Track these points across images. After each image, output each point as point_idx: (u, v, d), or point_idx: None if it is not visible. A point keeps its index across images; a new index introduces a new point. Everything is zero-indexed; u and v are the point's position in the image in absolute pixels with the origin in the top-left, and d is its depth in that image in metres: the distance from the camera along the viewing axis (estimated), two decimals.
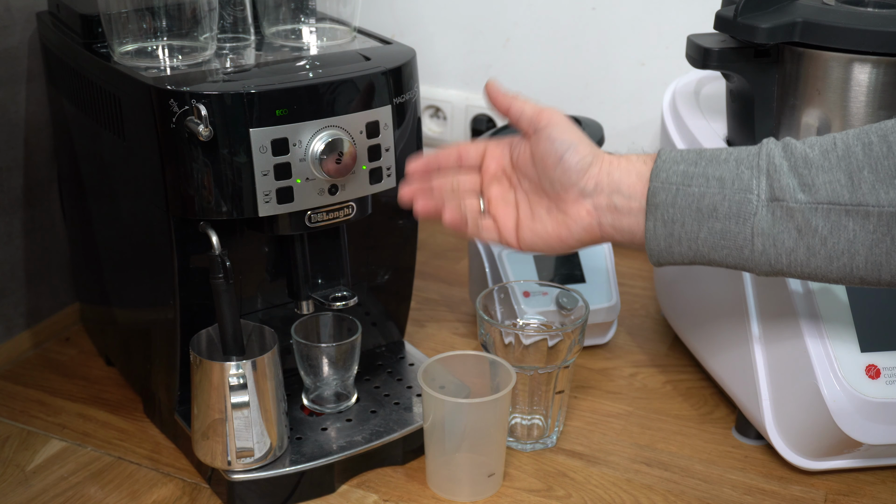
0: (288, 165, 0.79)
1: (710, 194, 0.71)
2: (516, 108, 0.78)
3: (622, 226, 0.75)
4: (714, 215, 0.71)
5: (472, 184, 0.81)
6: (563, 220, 0.77)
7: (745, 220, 0.70)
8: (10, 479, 0.90)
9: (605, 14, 1.34)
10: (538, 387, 0.92)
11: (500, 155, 0.80)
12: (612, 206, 0.74)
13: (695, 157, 0.73)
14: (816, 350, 0.83)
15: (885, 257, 0.68)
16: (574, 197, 0.76)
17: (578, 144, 0.75)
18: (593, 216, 0.75)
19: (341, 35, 0.92)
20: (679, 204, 0.72)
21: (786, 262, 0.70)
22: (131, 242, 0.92)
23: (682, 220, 0.72)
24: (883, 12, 0.87)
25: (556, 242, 0.78)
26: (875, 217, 0.67)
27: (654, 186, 0.73)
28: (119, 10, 0.82)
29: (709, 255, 0.72)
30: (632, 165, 0.75)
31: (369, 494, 0.88)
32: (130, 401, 1.02)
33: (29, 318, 1.11)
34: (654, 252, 0.74)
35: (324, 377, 0.93)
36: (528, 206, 0.79)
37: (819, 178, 0.68)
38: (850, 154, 0.68)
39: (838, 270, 0.69)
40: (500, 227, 0.80)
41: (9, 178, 1.06)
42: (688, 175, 0.72)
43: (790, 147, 0.71)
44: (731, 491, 0.89)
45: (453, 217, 0.80)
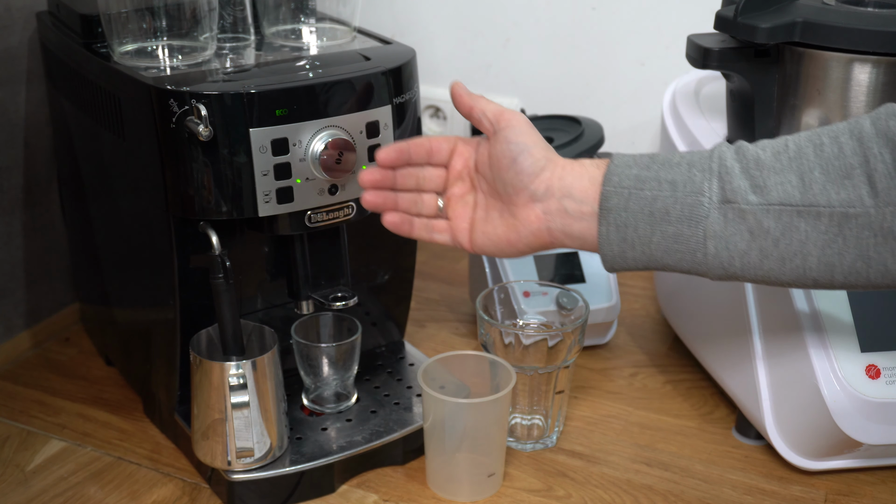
0: (288, 165, 0.79)
1: (662, 198, 0.70)
2: (478, 109, 0.77)
3: (573, 231, 0.73)
4: (666, 219, 0.70)
5: (436, 181, 0.79)
6: (512, 223, 0.75)
7: (697, 223, 0.69)
8: (10, 480, 0.90)
9: (605, 14, 1.34)
10: (538, 387, 0.92)
11: (467, 155, 0.79)
12: (562, 211, 0.73)
13: (647, 161, 0.72)
14: (816, 350, 0.83)
15: (838, 258, 0.67)
16: (524, 200, 0.74)
17: (533, 148, 0.74)
18: (542, 221, 0.74)
19: (341, 35, 0.92)
20: (632, 208, 0.71)
21: (739, 266, 0.70)
22: (131, 242, 0.92)
23: (634, 224, 0.71)
24: (883, 12, 0.87)
25: (505, 246, 0.77)
26: (826, 217, 0.67)
27: (606, 190, 0.71)
28: (119, 10, 0.82)
29: (662, 259, 0.71)
30: (584, 170, 0.73)
31: (369, 494, 0.88)
32: (130, 401, 1.02)
33: (29, 318, 1.11)
34: (607, 257, 0.73)
35: (324, 377, 0.93)
36: (483, 208, 0.78)
37: (771, 180, 0.68)
38: (802, 155, 0.68)
39: (791, 272, 0.69)
40: (454, 228, 0.79)
41: (9, 178, 1.06)
42: (640, 179, 0.71)
43: (742, 149, 0.70)
44: (731, 491, 0.89)
45: (394, 219, 0.78)
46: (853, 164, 0.66)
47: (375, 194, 0.78)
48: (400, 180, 0.78)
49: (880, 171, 0.65)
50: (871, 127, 0.67)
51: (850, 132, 0.68)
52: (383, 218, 0.78)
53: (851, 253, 0.67)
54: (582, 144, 1.08)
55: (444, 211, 0.79)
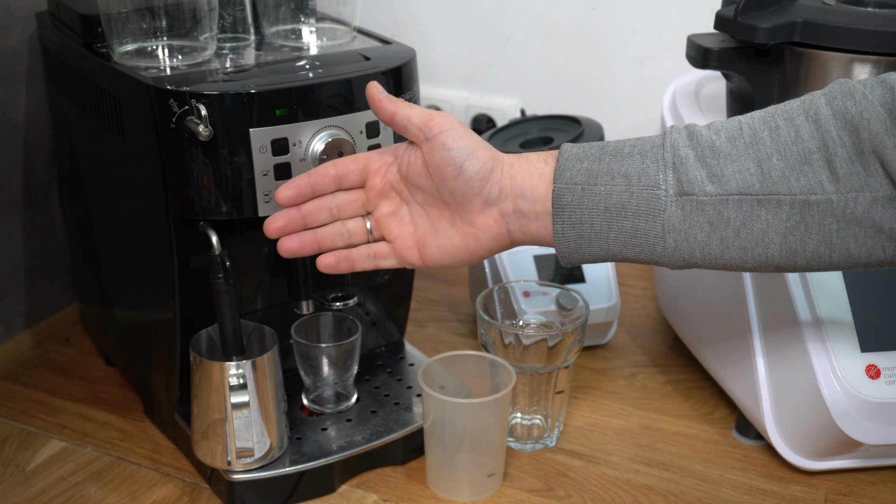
0: (288, 165, 0.79)
1: (616, 192, 0.68)
2: (402, 114, 0.72)
3: (530, 230, 0.71)
4: (623, 214, 0.68)
5: (355, 206, 0.74)
6: (470, 231, 0.72)
7: (654, 217, 0.67)
8: (10, 479, 0.90)
9: (605, 14, 1.34)
10: (538, 387, 0.92)
11: (385, 168, 0.74)
12: (518, 212, 0.71)
13: (598, 152, 0.70)
14: (816, 350, 0.83)
15: (800, 245, 0.66)
16: (479, 207, 0.71)
17: (477, 150, 0.71)
18: (501, 224, 0.71)
19: (341, 35, 0.92)
20: (586, 205, 0.68)
21: (699, 256, 0.68)
22: (131, 242, 0.92)
23: (590, 220, 0.69)
24: (883, 12, 0.87)
25: (464, 255, 0.73)
26: (787, 205, 0.65)
27: (558, 188, 0.69)
28: (119, 9, 0.82)
29: (620, 252, 0.69)
30: (532, 166, 0.71)
31: (369, 494, 0.88)
32: (130, 401, 1.02)
33: (29, 318, 1.11)
34: (564, 254, 0.71)
35: (324, 377, 0.93)
36: (427, 220, 0.74)
37: (728, 168, 0.66)
38: (758, 140, 0.66)
39: (753, 260, 0.67)
40: (396, 248, 0.75)
41: (9, 178, 1.06)
42: (592, 173, 0.69)
43: (695, 135, 0.68)
44: (731, 491, 0.89)
45: (330, 262, 0.74)
46: (811, 149, 0.65)
47: (291, 240, 0.73)
48: (309, 217, 0.73)
49: (840, 155, 0.64)
50: (826, 107, 0.65)
51: (805, 113, 0.66)
52: (318, 262, 0.74)
53: (814, 239, 0.66)
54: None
55: (376, 233, 0.75)
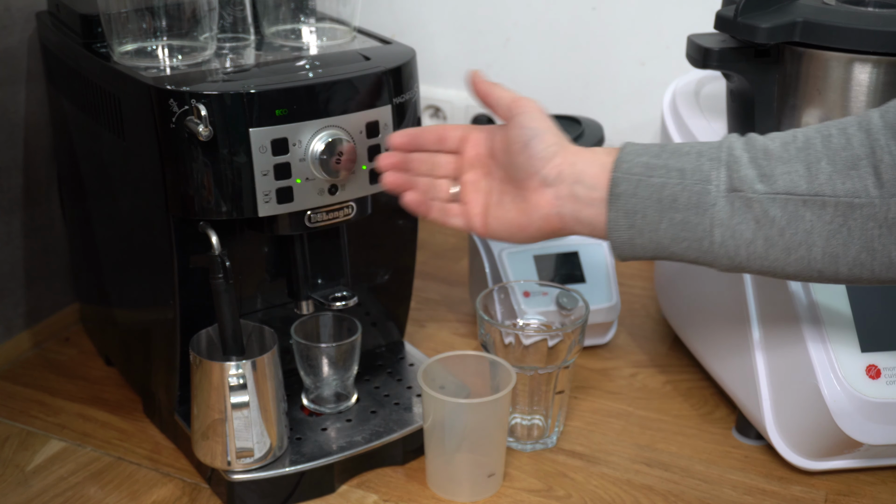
0: (288, 165, 0.79)
1: (670, 185, 0.71)
2: (494, 95, 0.79)
3: (583, 216, 0.74)
4: (674, 206, 0.71)
5: (449, 167, 0.81)
6: (524, 207, 0.77)
7: (704, 211, 0.70)
8: (9, 480, 0.90)
9: (605, 14, 1.34)
10: (538, 387, 0.92)
11: (480, 142, 0.80)
12: (573, 196, 0.74)
13: (658, 149, 0.73)
14: (817, 350, 0.83)
15: (842, 248, 0.68)
16: (536, 185, 0.76)
17: (545, 133, 0.76)
18: (553, 206, 0.75)
19: (341, 35, 0.92)
20: (640, 194, 0.72)
21: (745, 255, 0.70)
22: (131, 242, 0.92)
23: (643, 210, 0.72)
24: (883, 12, 0.87)
25: (516, 230, 0.78)
26: (831, 207, 0.67)
27: (616, 177, 0.72)
28: (119, 9, 0.82)
29: (670, 247, 0.72)
30: (596, 157, 0.74)
31: (369, 494, 0.88)
32: (130, 401, 1.02)
33: (29, 318, 1.11)
34: (616, 244, 0.74)
35: (324, 377, 0.93)
36: (497, 194, 0.79)
37: (778, 169, 0.69)
38: (810, 146, 0.69)
39: (796, 263, 0.69)
40: (468, 213, 0.80)
41: (9, 178, 1.06)
42: (649, 166, 0.72)
43: (752, 140, 0.71)
44: (731, 491, 0.89)
45: (414, 198, 0.81)
46: (860, 155, 0.67)
47: (394, 175, 0.80)
48: (414, 165, 0.81)
49: (886, 162, 0.66)
50: (879, 119, 0.68)
51: (858, 124, 0.68)
52: (402, 197, 0.81)
53: (856, 244, 0.67)
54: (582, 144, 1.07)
55: (457, 196, 0.81)
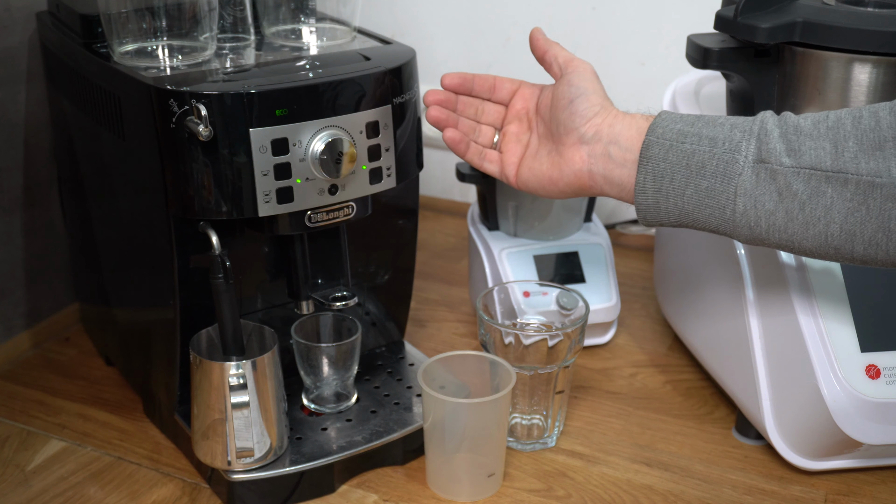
0: (288, 165, 0.79)
1: (700, 152, 0.73)
2: (551, 53, 0.83)
3: (613, 176, 0.77)
4: (701, 173, 0.72)
5: (494, 116, 0.85)
6: (557, 161, 0.79)
7: (730, 180, 0.72)
8: (10, 479, 0.90)
9: (605, 14, 1.34)
10: (538, 387, 0.92)
11: (529, 97, 0.85)
12: (606, 156, 0.77)
13: (693, 119, 0.75)
14: (816, 350, 0.83)
15: (860, 227, 0.69)
16: (573, 141, 0.78)
17: (592, 94, 0.79)
18: (585, 162, 0.78)
19: (341, 35, 0.92)
20: (670, 159, 0.74)
21: (765, 226, 0.72)
22: (131, 242, 0.92)
23: (671, 175, 0.74)
24: (883, 12, 0.87)
25: (547, 182, 0.81)
26: (853, 185, 0.68)
27: (648, 140, 0.75)
28: (119, 10, 0.82)
29: (693, 213, 0.74)
30: (634, 121, 0.77)
31: (369, 494, 0.88)
32: (130, 401, 1.02)
33: (29, 318, 1.11)
34: (642, 206, 0.76)
35: (324, 377, 0.93)
36: (535, 147, 0.82)
37: (806, 145, 0.70)
38: (840, 125, 0.70)
39: (814, 238, 0.71)
40: (504, 161, 0.84)
41: (9, 178, 1.06)
42: (682, 133, 0.74)
43: (785, 117, 0.73)
44: (731, 491, 0.89)
45: (454, 136, 0.83)
46: (887, 137, 0.68)
47: (439, 110, 0.83)
48: (461, 107, 0.85)
49: None
50: None
51: (890, 108, 0.69)
52: (445, 133, 0.83)
53: (873, 223, 0.68)
54: None
55: (497, 145, 0.85)
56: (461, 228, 1.43)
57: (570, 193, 0.80)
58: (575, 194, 0.80)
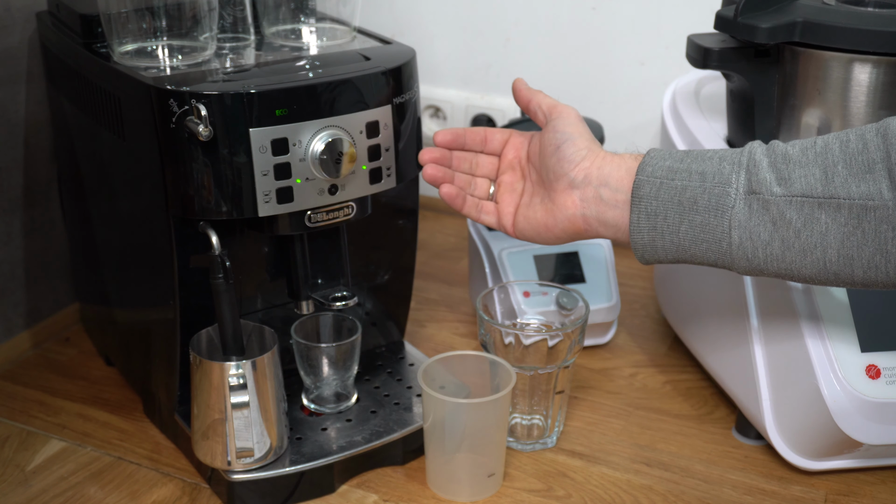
0: (288, 165, 0.79)
1: (691, 188, 0.73)
2: (535, 102, 0.83)
3: (607, 218, 0.77)
4: (694, 208, 0.73)
5: (489, 168, 0.86)
6: (550, 208, 0.80)
7: (723, 213, 0.72)
8: (10, 479, 0.90)
9: (605, 14, 1.34)
10: (538, 387, 0.92)
11: (520, 146, 0.85)
12: (598, 198, 0.77)
13: (682, 155, 0.76)
14: (816, 350, 0.83)
15: (857, 251, 0.69)
16: (563, 186, 0.79)
17: (578, 138, 0.79)
18: (578, 207, 0.78)
19: (341, 35, 0.92)
20: (662, 197, 0.74)
21: (762, 257, 0.72)
22: (131, 242, 0.92)
23: (664, 213, 0.74)
24: (883, 12, 0.87)
25: (542, 230, 0.81)
26: (846, 210, 0.69)
27: (639, 179, 0.75)
28: (119, 9, 0.82)
29: (690, 249, 0.74)
30: (623, 161, 0.77)
31: (369, 494, 0.88)
32: (130, 401, 1.02)
33: (29, 318, 1.11)
34: (638, 246, 0.76)
35: (324, 377, 0.93)
36: (528, 195, 0.83)
37: (795, 173, 0.70)
38: (828, 150, 0.70)
39: (812, 265, 0.71)
40: (500, 212, 0.84)
41: (9, 178, 1.06)
42: (672, 170, 0.74)
43: (773, 146, 0.73)
44: (731, 491, 0.89)
45: (451, 191, 0.83)
46: (875, 160, 0.68)
47: (435, 168, 0.84)
48: (456, 162, 0.85)
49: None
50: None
51: (876, 130, 0.70)
52: (441, 189, 0.83)
53: (870, 246, 0.69)
54: None
55: (493, 196, 0.85)
56: (461, 228, 1.43)
57: (565, 239, 0.81)
58: (570, 239, 0.81)
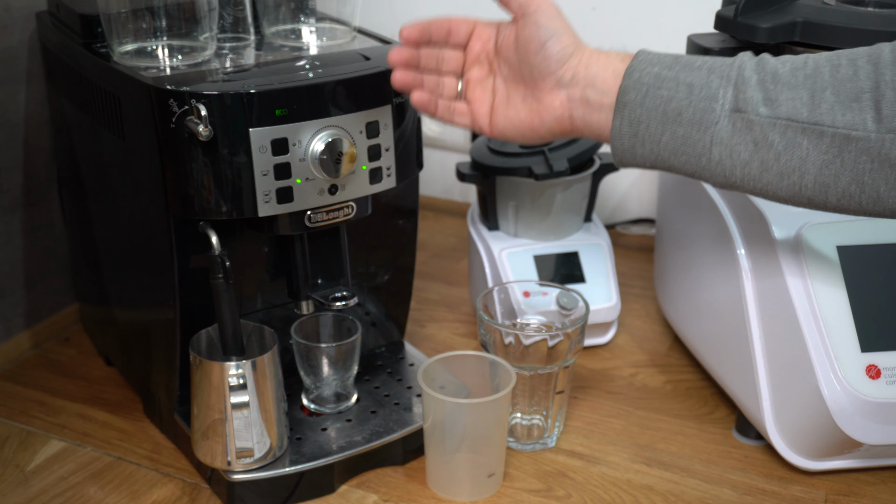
0: (288, 165, 0.79)
1: (677, 99, 0.71)
2: None
3: (591, 121, 0.75)
4: (678, 120, 0.71)
5: (455, 63, 0.81)
6: (536, 108, 0.77)
7: (706, 129, 0.71)
8: (10, 479, 0.90)
9: (605, 14, 1.34)
10: (538, 387, 0.92)
11: (487, 37, 0.80)
12: (584, 100, 0.75)
13: (671, 61, 0.73)
14: (816, 350, 0.83)
15: (833, 179, 0.69)
16: (550, 86, 0.76)
17: (562, 34, 0.76)
18: (566, 107, 0.76)
19: (341, 35, 0.92)
20: (647, 105, 0.72)
21: (739, 176, 0.71)
22: (131, 242, 0.92)
23: (647, 121, 0.72)
24: (883, 12, 0.87)
25: (527, 130, 0.78)
26: (829, 138, 0.68)
27: (625, 84, 0.73)
28: (119, 9, 0.82)
29: (668, 159, 0.73)
30: (610, 61, 0.75)
31: (369, 494, 0.88)
32: (130, 401, 1.02)
33: (28, 318, 1.11)
34: (617, 151, 0.75)
35: (324, 377, 0.93)
36: (504, 92, 0.79)
37: (783, 95, 0.69)
38: (818, 74, 0.69)
39: (788, 188, 0.71)
40: (474, 112, 0.80)
41: (9, 178, 1.06)
42: (660, 78, 0.72)
43: (763, 61, 0.71)
44: (731, 491, 0.89)
45: (422, 98, 0.79)
46: (864, 88, 0.67)
47: (404, 73, 0.79)
48: (423, 62, 0.80)
49: (888, 97, 0.66)
50: (889, 54, 0.68)
51: (868, 56, 0.69)
52: (411, 96, 0.80)
53: (847, 176, 0.68)
54: (581, 144, 1.08)
55: (462, 94, 0.81)
56: (461, 228, 1.43)
57: (549, 138, 0.78)
58: (553, 138, 0.79)
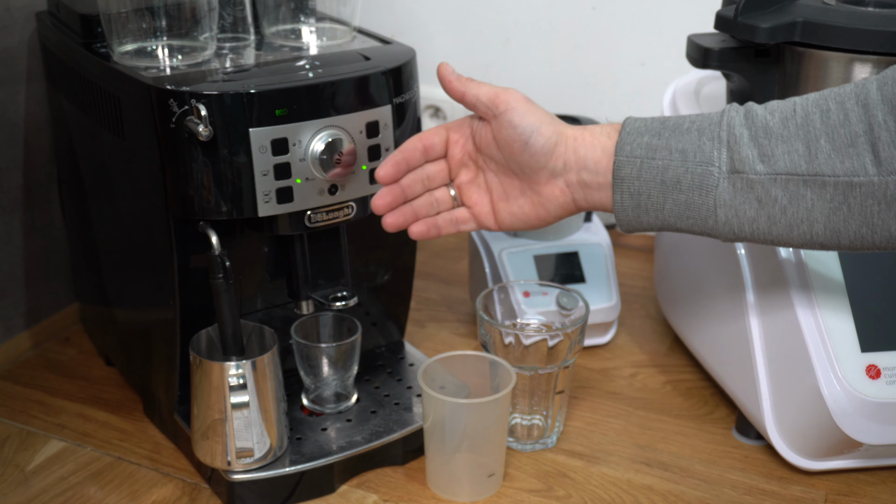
0: (288, 165, 0.79)
1: (673, 167, 0.72)
2: (471, 94, 0.77)
3: (594, 199, 0.76)
4: (678, 187, 0.72)
5: (441, 175, 0.80)
6: (538, 200, 0.78)
7: (707, 192, 0.71)
8: (10, 479, 0.90)
9: (605, 14, 1.34)
10: (538, 387, 0.92)
11: (463, 140, 0.80)
12: (582, 182, 0.75)
13: (658, 127, 0.74)
14: (817, 350, 0.83)
15: (843, 224, 0.69)
16: (545, 178, 0.76)
17: (541, 126, 0.75)
18: (566, 194, 0.76)
19: (341, 35, 0.92)
20: (644, 177, 0.73)
21: (749, 231, 0.72)
22: (131, 242, 0.92)
23: (647, 192, 0.73)
24: (883, 12, 0.87)
25: (535, 221, 0.79)
26: (831, 187, 0.68)
27: (619, 160, 0.73)
28: (119, 9, 0.82)
29: (675, 223, 0.74)
30: (596, 140, 0.75)
31: (369, 494, 0.88)
32: (130, 401, 1.02)
33: (29, 318, 1.11)
34: (623, 222, 0.76)
35: (324, 377, 0.93)
36: (500, 187, 0.79)
37: (778, 149, 0.70)
38: (809, 122, 0.69)
39: (799, 237, 0.71)
40: (475, 214, 0.81)
41: (9, 178, 1.06)
42: (651, 147, 0.73)
43: (751, 114, 0.71)
44: (731, 491, 0.89)
45: (421, 229, 0.80)
46: (857, 132, 0.67)
47: (394, 215, 0.79)
48: (409, 190, 0.79)
49: (884, 139, 0.66)
50: (876, 93, 0.68)
51: (856, 97, 0.69)
52: (410, 232, 0.80)
53: (856, 220, 0.68)
54: None
55: (458, 200, 0.81)
56: None
57: (557, 221, 0.79)
58: (561, 219, 0.79)
